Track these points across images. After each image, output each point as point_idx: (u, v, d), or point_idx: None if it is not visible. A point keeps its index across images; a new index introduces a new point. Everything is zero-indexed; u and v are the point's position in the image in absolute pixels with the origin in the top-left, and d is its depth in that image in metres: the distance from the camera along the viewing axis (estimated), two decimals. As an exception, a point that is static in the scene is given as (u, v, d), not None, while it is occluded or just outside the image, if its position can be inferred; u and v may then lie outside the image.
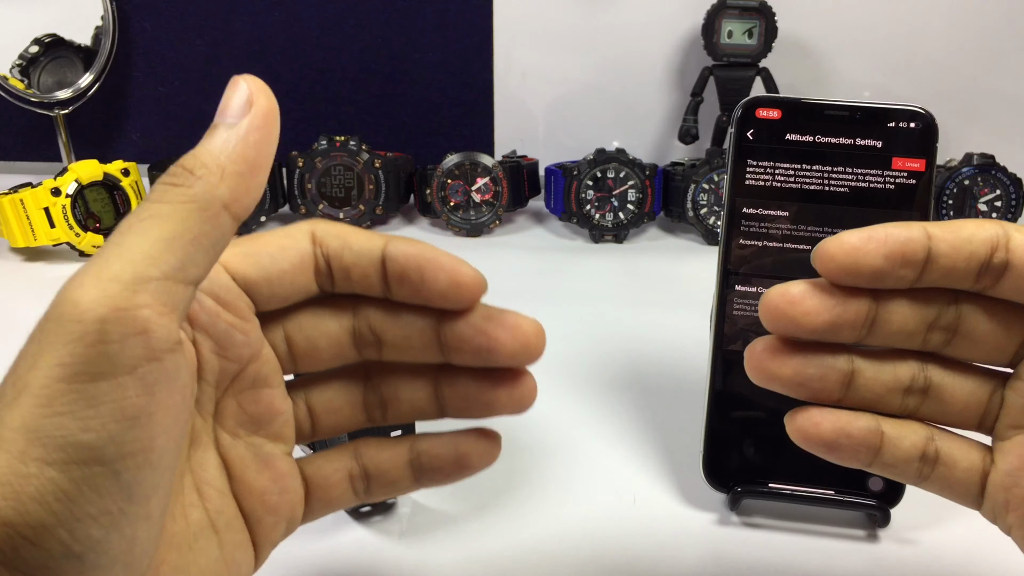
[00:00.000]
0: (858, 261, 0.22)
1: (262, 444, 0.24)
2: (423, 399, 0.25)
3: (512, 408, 0.24)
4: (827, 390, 0.24)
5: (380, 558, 0.33)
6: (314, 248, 0.23)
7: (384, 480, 0.25)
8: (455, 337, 0.23)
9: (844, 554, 0.34)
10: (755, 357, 0.24)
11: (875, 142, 0.34)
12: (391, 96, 0.83)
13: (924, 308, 0.23)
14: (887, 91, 0.79)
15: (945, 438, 0.25)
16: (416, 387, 0.25)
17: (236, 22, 0.81)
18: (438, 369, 0.25)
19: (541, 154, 0.82)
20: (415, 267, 0.23)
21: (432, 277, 0.23)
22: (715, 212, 0.70)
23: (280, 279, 0.23)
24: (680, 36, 0.79)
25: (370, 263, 0.23)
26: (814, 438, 0.24)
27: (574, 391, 0.46)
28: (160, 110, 0.85)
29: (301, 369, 0.25)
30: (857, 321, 0.23)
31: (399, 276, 0.23)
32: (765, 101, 0.35)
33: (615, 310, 0.57)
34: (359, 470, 0.25)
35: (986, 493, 0.24)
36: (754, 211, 0.35)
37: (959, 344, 0.24)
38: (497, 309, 0.24)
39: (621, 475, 0.39)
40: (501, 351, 0.23)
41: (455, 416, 0.25)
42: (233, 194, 0.20)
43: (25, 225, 0.63)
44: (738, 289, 0.35)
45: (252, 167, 0.20)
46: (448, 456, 0.25)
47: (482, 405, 0.24)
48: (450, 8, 0.80)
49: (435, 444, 0.25)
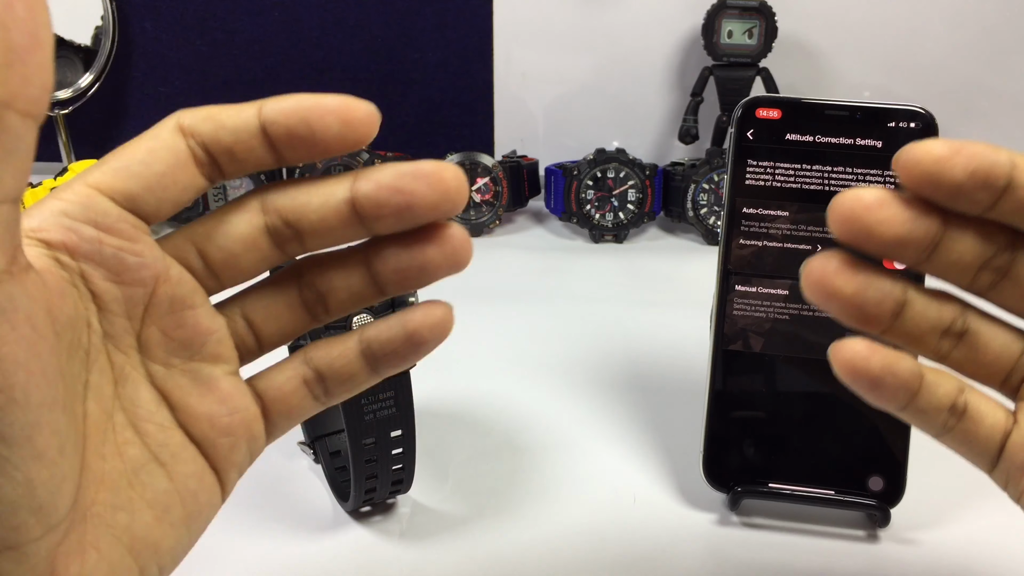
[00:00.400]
0: (942, 172, 0.21)
1: (199, 368, 0.23)
2: (359, 283, 0.24)
3: (448, 266, 0.23)
4: (880, 317, 0.23)
5: (380, 558, 0.33)
6: (186, 140, 0.22)
7: (340, 377, 0.24)
8: (371, 203, 0.22)
9: (844, 554, 0.34)
10: (817, 271, 0.23)
11: (875, 142, 0.34)
12: (391, 96, 0.83)
13: (984, 243, 0.23)
14: (887, 91, 0.79)
15: (974, 393, 0.24)
16: (349, 273, 0.24)
17: (236, 22, 0.81)
18: (367, 248, 0.24)
19: (541, 154, 0.82)
20: (300, 120, 0.21)
21: (321, 124, 0.21)
22: (715, 212, 0.70)
23: (161, 184, 0.21)
24: (680, 36, 0.79)
25: (251, 135, 0.22)
26: (862, 372, 0.23)
27: (574, 391, 0.46)
28: (160, 110, 0.85)
29: (227, 283, 0.24)
30: (924, 240, 0.22)
31: (286, 137, 0.22)
32: (765, 101, 0.35)
33: (615, 310, 0.57)
34: (312, 374, 0.24)
35: (1003, 454, 0.24)
36: (754, 211, 0.35)
37: (1004, 289, 0.23)
38: (410, 163, 0.22)
39: (621, 475, 0.39)
40: (421, 204, 0.22)
41: (395, 293, 0.24)
42: (6, 88, 0.16)
43: (25, 225, 0.63)
44: (738, 289, 0.35)
45: (19, 50, 0.16)
46: (398, 336, 0.24)
47: (417, 271, 0.23)
48: (450, 8, 0.80)
49: (383, 328, 0.24)
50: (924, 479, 0.38)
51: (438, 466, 0.39)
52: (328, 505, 0.37)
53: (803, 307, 0.35)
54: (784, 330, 0.35)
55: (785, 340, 0.35)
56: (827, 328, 0.35)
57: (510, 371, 0.49)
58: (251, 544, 0.34)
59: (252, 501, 0.37)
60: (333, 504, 0.37)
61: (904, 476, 0.34)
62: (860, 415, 0.35)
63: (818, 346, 0.35)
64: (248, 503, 0.36)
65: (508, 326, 0.54)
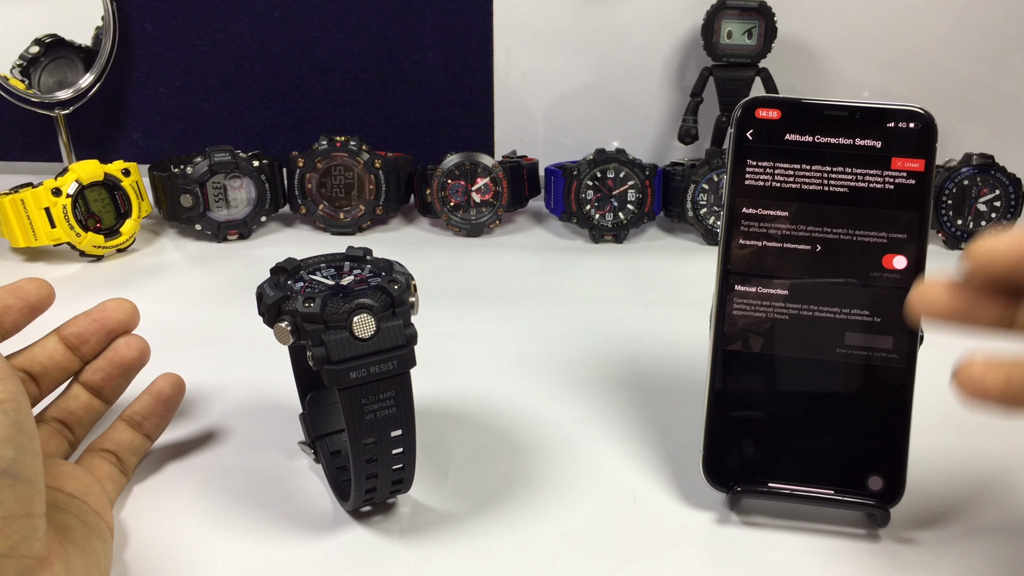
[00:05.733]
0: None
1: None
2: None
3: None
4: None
5: (380, 558, 0.33)
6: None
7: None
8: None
9: (844, 554, 0.34)
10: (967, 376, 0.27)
11: (874, 142, 0.34)
12: (391, 96, 0.83)
13: None
14: (887, 91, 0.79)
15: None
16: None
17: (236, 22, 0.81)
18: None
19: (541, 154, 0.82)
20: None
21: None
22: (715, 212, 0.70)
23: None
24: (680, 36, 0.79)
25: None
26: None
27: (574, 391, 0.46)
28: (160, 110, 0.85)
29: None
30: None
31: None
32: (765, 101, 0.35)
33: (615, 310, 0.57)
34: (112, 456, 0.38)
35: None
36: (754, 211, 0.35)
37: None
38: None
39: (621, 475, 0.39)
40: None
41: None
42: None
43: (26, 225, 0.63)
44: (738, 289, 0.36)
45: None
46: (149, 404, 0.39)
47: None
48: (450, 8, 0.80)
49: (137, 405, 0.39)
50: (924, 479, 0.38)
51: (438, 466, 0.39)
52: (328, 505, 0.37)
53: (803, 307, 0.35)
54: (784, 330, 0.35)
55: (785, 340, 0.35)
56: (827, 328, 0.35)
57: (510, 371, 0.49)
58: (251, 544, 0.34)
59: (252, 501, 0.37)
60: (333, 504, 0.37)
61: (904, 476, 0.34)
62: (860, 415, 0.35)
63: (818, 346, 0.35)
64: (248, 503, 0.37)
65: (508, 326, 0.54)
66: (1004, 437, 0.42)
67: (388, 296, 0.32)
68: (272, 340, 0.32)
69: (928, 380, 0.35)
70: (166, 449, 0.40)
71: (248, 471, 0.39)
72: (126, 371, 0.38)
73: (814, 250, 0.35)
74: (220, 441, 0.41)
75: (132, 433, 0.38)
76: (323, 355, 0.30)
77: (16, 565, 0.25)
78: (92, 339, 0.38)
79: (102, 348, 0.38)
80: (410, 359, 0.32)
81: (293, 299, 0.31)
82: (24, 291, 0.35)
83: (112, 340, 0.38)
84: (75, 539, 0.29)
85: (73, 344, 0.37)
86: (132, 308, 0.39)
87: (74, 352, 0.38)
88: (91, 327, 0.38)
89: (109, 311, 0.38)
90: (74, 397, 0.38)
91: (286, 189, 0.73)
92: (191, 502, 0.37)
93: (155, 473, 0.39)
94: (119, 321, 0.38)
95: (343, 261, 0.35)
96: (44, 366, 0.37)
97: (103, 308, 0.38)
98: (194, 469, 0.39)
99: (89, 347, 0.38)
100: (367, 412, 0.32)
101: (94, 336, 0.38)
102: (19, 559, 0.25)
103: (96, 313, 0.38)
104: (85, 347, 0.38)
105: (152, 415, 0.39)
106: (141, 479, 0.38)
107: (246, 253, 0.68)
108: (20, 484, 0.25)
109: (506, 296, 0.59)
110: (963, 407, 0.32)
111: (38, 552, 0.26)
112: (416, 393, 0.33)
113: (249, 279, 0.39)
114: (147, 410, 0.39)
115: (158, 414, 0.39)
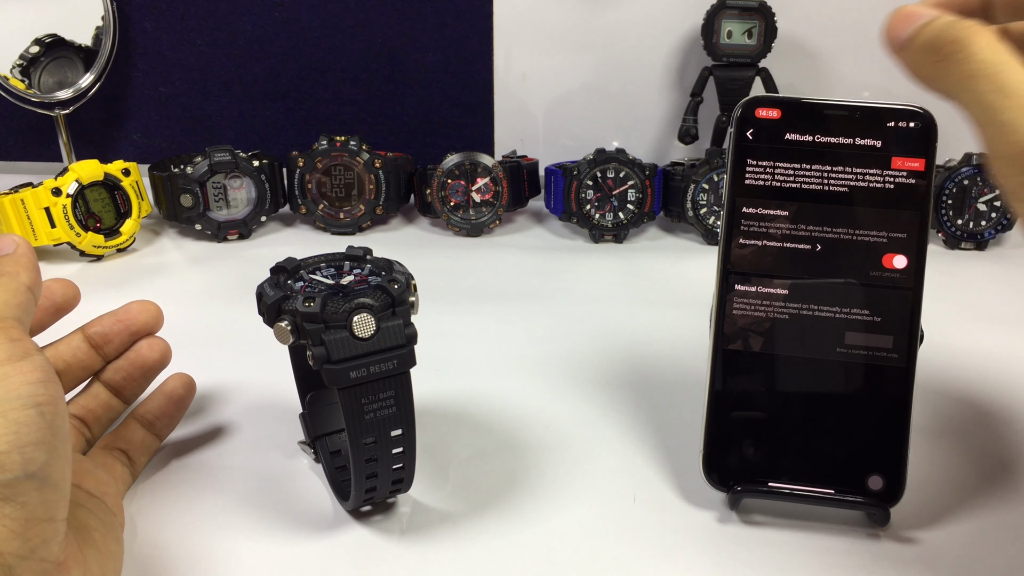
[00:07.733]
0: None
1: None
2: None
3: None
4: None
5: (380, 558, 0.33)
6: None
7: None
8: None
9: (844, 553, 0.34)
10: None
11: (875, 142, 0.34)
12: (391, 96, 0.83)
13: None
14: (887, 91, 0.79)
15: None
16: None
17: (236, 22, 0.81)
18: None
19: (541, 154, 0.82)
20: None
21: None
22: (715, 212, 0.70)
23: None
24: (680, 36, 0.79)
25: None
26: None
27: (574, 391, 0.46)
28: (160, 110, 0.85)
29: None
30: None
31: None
32: (765, 101, 0.35)
33: (615, 310, 0.57)
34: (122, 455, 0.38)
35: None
36: (754, 211, 0.35)
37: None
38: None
39: (621, 474, 0.39)
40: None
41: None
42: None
43: (26, 225, 0.63)
44: (738, 289, 0.36)
45: None
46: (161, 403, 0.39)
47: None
48: (450, 8, 0.80)
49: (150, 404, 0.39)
50: (924, 479, 0.38)
51: (438, 466, 0.39)
52: (328, 505, 0.37)
53: (803, 307, 0.35)
54: (784, 330, 0.35)
55: (785, 340, 0.35)
56: (827, 328, 0.35)
57: (510, 371, 0.49)
58: (251, 544, 0.34)
59: (252, 500, 0.37)
60: (333, 504, 0.37)
61: (904, 475, 0.35)
62: (860, 415, 0.35)
63: (818, 345, 0.35)
64: (248, 502, 0.37)
65: (508, 326, 0.54)
66: (1004, 437, 0.42)
67: (388, 296, 0.32)
68: (272, 340, 0.32)
69: (928, 380, 0.35)
70: (166, 448, 0.40)
71: (248, 471, 0.39)
72: (147, 372, 0.39)
73: (814, 250, 0.35)
74: (220, 441, 0.41)
75: (144, 432, 0.38)
76: (323, 354, 0.30)
77: (34, 568, 0.25)
78: (116, 339, 0.38)
79: (125, 348, 0.38)
80: (410, 359, 0.32)
81: (293, 299, 0.31)
82: (51, 291, 0.35)
83: (135, 341, 0.39)
84: (93, 540, 0.29)
85: (97, 343, 0.38)
86: (156, 310, 0.39)
87: (97, 351, 0.38)
88: (115, 327, 0.38)
89: (134, 312, 0.39)
90: (94, 395, 0.38)
91: (286, 189, 0.73)
92: (191, 501, 0.37)
93: (155, 472, 0.39)
94: (143, 323, 0.39)
95: (343, 261, 0.35)
96: (68, 363, 0.37)
97: (128, 309, 0.39)
98: (194, 468, 0.39)
99: (112, 347, 0.38)
100: (367, 412, 0.32)
101: (118, 336, 0.38)
102: (37, 562, 0.25)
103: (121, 314, 0.38)
104: (108, 347, 0.38)
105: (164, 415, 0.39)
106: (141, 478, 0.38)
107: (246, 253, 0.68)
108: (48, 488, 0.25)
109: (506, 296, 0.59)
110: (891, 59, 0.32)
111: (56, 556, 0.26)
112: (416, 393, 0.33)
113: (249, 279, 0.39)
114: (160, 410, 0.39)
115: (170, 414, 0.39)
